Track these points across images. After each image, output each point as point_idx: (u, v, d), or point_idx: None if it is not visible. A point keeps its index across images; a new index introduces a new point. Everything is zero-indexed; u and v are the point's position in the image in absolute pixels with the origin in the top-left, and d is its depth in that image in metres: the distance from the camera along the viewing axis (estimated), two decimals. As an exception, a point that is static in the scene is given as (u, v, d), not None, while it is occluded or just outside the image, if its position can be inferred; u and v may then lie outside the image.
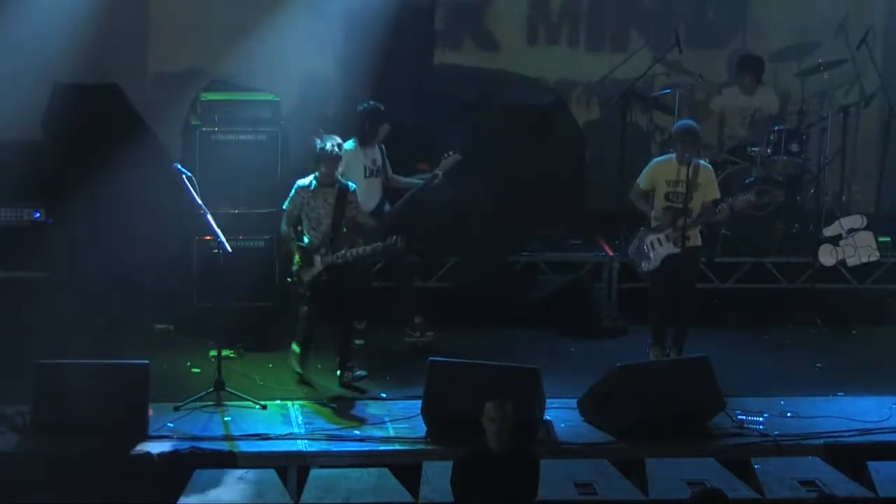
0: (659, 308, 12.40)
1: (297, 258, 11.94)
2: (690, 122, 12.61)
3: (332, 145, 11.88)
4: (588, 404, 11.45)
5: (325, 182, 11.93)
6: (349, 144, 12.57)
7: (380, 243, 11.84)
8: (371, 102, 12.72)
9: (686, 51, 14.65)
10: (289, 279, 12.08)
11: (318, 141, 11.92)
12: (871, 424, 11.37)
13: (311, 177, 12.00)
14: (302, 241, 11.95)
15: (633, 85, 14.58)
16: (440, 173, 12.71)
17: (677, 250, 12.21)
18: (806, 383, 12.38)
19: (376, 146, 12.75)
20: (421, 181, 12.82)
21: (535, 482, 9.29)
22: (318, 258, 11.91)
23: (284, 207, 12.05)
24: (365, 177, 12.65)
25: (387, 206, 12.83)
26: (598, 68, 15.21)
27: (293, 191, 12.00)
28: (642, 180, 12.41)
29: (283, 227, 12.08)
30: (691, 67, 14.98)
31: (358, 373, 12.00)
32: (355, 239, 11.99)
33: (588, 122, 15.26)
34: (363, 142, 12.68)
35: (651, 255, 12.32)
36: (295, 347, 12.11)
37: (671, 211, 12.22)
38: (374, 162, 12.72)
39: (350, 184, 12.05)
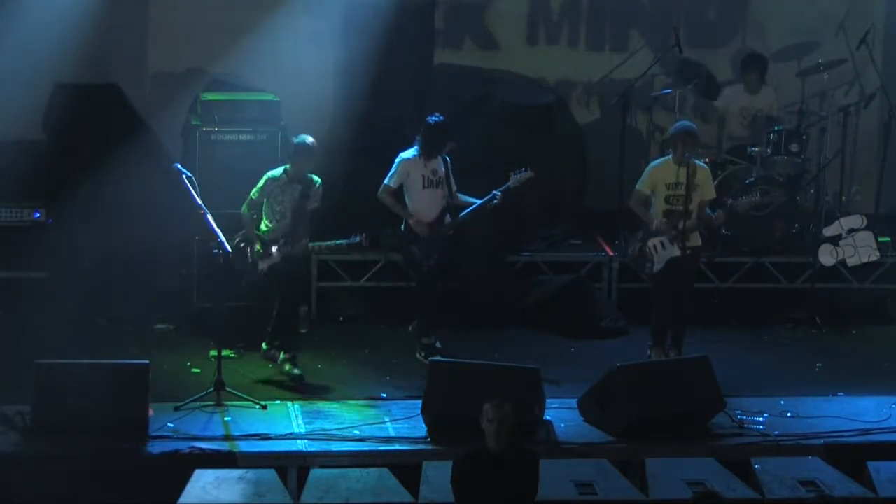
0: (661, 310, 12.39)
1: (258, 247, 12.01)
2: (689, 122, 12.61)
3: (310, 140, 12.04)
4: (588, 404, 11.45)
5: (295, 177, 12.09)
6: (410, 153, 12.54)
7: (343, 241, 11.94)
8: (441, 117, 12.53)
9: (686, 51, 14.65)
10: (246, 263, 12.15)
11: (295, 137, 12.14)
12: (871, 424, 11.37)
13: (281, 169, 12.14)
14: (259, 227, 12.10)
15: (632, 85, 14.58)
16: (499, 193, 12.51)
17: (679, 253, 12.20)
18: (806, 383, 12.38)
19: (440, 158, 12.62)
20: (479, 200, 12.71)
21: (534, 482, 9.29)
22: (275, 249, 12.00)
23: (252, 196, 12.11)
24: (423, 187, 12.52)
25: (448, 219, 12.70)
26: (598, 68, 15.22)
27: (263, 181, 12.10)
28: (642, 185, 12.37)
29: (245, 209, 12.14)
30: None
31: (282, 358, 12.14)
32: (307, 231, 12.11)
33: (588, 122, 15.27)
34: (427, 154, 12.53)
35: (655, 258, 12.31)
36: (282, 354, 12.21)
37: (672, 213, 12.22)
38: (434, 173, 12.55)
39: (315, 178, 12.11)
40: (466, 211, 12.67)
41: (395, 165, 12.51)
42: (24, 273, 13.19)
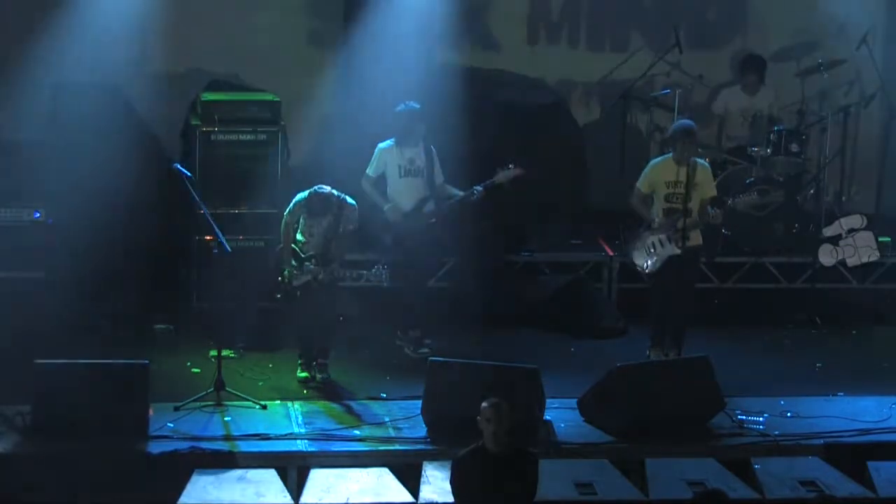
0: (659, 309, 12.39)
1: (293, 263, 11.95)
2: (689, 121, 12.60)
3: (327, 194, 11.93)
4: (588, 404, 11.45)
5: None
6: (387, 142, 12.61)
7: (364, 272, 11.90)
8: (408, 103, 12.61)
9: (686, 51, 14.65)
10: (279, 278, 12.05)
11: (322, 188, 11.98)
12: (871, 424, 11.38)
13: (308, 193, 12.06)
14: (296, 239, 12.00)
15: (632, 85, 14.58)
16: (480, 189, 12.59)
17: (678, 251, 12.20)
18: (806, 383, 12.38)
19: (420, 147, 12.64)
20: (461, 193, 12.73)
21: (534, 482, 9.29)
22: (308, 265, 11.93)
23: (285, 216, 12.06)
24: (400, 176, 12.60)
25: (429, 207, 12.74)
26: (598, 68, 15.22)
27: (292, 203, 12.04)
28: (642, 184, 12.39)
29: (282, 227, 12.08)
30: (691, 67, 14.99)
31: (323, 375, 12.10)
32: (343, 251, 12.05)
33: (588, 122, 15.26)
34: (400, 141, 12.61)
35: (654, 256, 12.31)
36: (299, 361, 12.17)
37: (672, 212, 12.22)
38: (411, 162, 12.61)
39: (349, 199, 12.05)
40: (447, 204, 12.70)
41: (374, 155, 12.61)
42: (24, 273, 13.18)
